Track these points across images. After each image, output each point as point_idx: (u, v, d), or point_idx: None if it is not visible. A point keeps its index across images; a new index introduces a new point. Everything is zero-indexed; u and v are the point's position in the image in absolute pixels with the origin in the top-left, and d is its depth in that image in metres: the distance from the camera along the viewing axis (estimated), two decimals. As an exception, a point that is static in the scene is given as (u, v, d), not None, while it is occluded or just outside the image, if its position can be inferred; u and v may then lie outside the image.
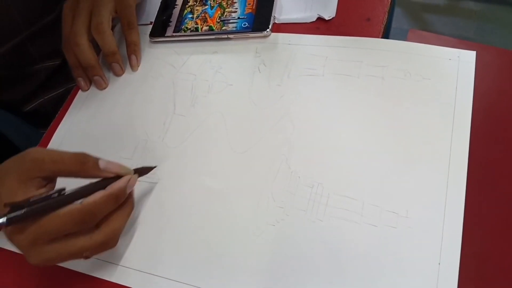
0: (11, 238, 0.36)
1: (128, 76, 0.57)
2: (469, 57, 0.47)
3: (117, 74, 0.57)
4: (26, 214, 0.35)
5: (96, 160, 0.39)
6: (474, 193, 0.40)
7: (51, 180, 0.39)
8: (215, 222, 0.43)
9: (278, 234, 0.41)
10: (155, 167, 0.45)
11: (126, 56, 0.57)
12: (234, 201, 0.44)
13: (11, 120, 0.63)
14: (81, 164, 0.38)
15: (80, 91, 0.57)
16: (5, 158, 0.41)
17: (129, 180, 0.39)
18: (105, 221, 0.38)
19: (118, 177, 0.39)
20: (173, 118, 0.51)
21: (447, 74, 0.46)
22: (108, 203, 0.37)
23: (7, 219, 0.34)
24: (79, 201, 0.37)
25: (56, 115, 0.57)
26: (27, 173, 0.36)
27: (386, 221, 0.40)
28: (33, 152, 0.37)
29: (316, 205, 0.42)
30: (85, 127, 0.54)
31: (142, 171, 0.43)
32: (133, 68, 0.57)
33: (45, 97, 0.66)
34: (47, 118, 0.58)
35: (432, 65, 0.47)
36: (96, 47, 0.55)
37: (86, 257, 0.37)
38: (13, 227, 0.35)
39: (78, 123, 0.54)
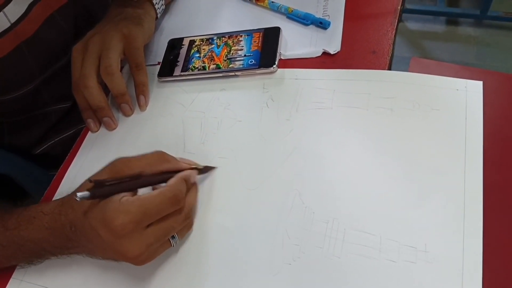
0: (114, 227, 0.37)
1: (137, 116, 0.57)
2: (476, 87, 0.47)
3: (126, 115, 0.57)
4: (107, 191, 0.39)
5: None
6: (491, 222, 0.39)
7: None
8: (229, 261, 0.42)
9: (295, 273, 0.40)
10: (216, 168, 0.49)
11: (135, 96, 0.57)
12: (248, 239, 0.43)
13: (21, 163, 0.63)
14: (162, 156, 0.44)
15: (89, 132, 0.58)
16: (14, 201, 0.41)
17: (191, 172, 0.45)
18: None
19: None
20: (184, 156, 0.51)
21: (456, 104, 0.46)
22: (183, 184, 0.42)
23: (90, 193, 0.38)
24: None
25: (67, 157, 0.57)
26: (119, 173, 0.41)
27: (405, 256, 0.39)
28: (120, 158, 0.43)
29: (332, 241, 0.41)
30: (96, 167, 0.53)
31: (205, 169, 0.48)
32: (142, 108, 0.57)
33: (56, 139, 0.66)
34: (57, 160, 0.58)
35: (440, 96, 0.47)
36: (105, 89, 0.55)
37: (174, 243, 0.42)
38: (117, 212, 0.38)
39: (89, 164, 0.55)
